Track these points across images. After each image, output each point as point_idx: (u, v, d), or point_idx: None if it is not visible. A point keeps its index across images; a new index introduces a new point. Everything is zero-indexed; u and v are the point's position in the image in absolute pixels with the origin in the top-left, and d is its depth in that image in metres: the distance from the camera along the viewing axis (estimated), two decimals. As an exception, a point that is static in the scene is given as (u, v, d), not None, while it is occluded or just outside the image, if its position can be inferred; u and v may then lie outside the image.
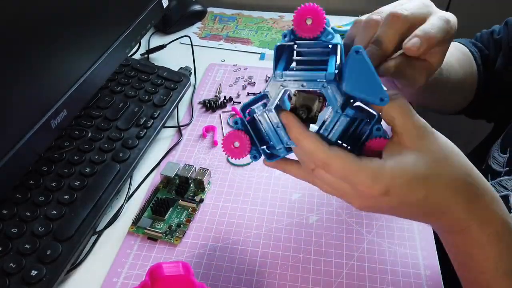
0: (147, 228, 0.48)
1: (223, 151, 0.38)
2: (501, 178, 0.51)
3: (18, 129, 0.44)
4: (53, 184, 0.49)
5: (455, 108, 0.60)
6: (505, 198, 0.49)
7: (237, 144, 0.37)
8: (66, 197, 0.48)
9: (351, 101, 0.35)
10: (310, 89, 0.34)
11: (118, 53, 0.59)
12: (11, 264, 0.42)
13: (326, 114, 0.35)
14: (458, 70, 0.53)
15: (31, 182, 0.49)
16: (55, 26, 0.48)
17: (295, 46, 0.35)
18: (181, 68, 0.72)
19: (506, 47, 0.55)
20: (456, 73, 0.52)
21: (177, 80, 0.67)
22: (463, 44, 0.58)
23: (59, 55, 0.48)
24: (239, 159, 0.38)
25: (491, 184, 0.50)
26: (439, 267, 0.45)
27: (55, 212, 0.46)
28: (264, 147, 0.39)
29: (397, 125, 0.33)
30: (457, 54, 0.55)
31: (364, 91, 0.32)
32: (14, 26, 0.42)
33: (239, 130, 0.37)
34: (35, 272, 0.41)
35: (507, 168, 0.50)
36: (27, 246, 0.43)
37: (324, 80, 0.33)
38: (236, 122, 0.37)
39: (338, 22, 0.85)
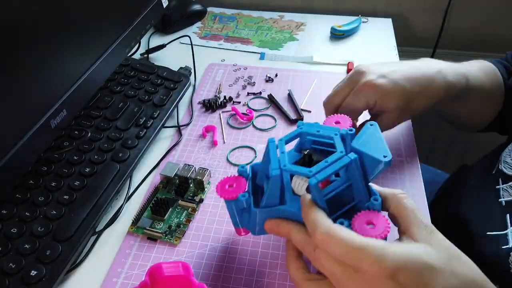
0: (147, 228, 0.48)
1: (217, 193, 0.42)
2: None
3: (18, 129, 0.44)
4: (53, 184, 0.49)
5: (483, 120, 0.61)
6: None
7: (233, 186, 0.42)
8: (66, 197, 0.48)
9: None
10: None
11: (118, 53, 0.59)
12: (11, 264, 0.42)
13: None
14: (483, 80, 0.57)
15: (31, 182, 0.49)
16: (55, 25, 0.48)
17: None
18: (181, 68, 0.72)
19: None
20: (482, 83, 0.56)
21: (177, 80, 0.67)
22: (489, 61, 0.61)
23: (59, 55, 0.48)
24: (228, 198, 0.42)
25: (503, 188, 0.51)
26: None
27: (54, 212, 0.46)
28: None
29: (406, 217, 0.35)
30: (482, 67, 0.59)
31: (372, 150, 0.36)
32: (14, 26, 0.42)
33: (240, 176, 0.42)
34: (35, 272, 0.41)
35: None
36: (26, 246, 0.43)
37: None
38: (243, 167, 0.42)
39: (338, 22, 0.85)
